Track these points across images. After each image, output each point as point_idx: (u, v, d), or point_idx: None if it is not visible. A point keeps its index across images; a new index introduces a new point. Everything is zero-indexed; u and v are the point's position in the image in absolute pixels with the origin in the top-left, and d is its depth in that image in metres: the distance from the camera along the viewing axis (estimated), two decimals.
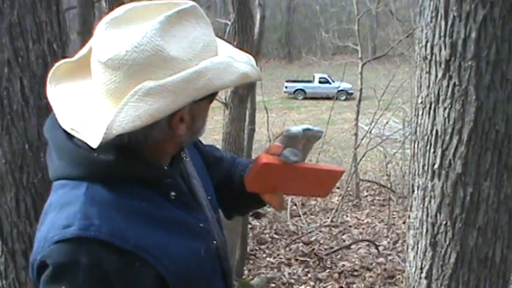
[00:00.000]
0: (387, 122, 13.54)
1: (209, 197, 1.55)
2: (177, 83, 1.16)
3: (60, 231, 1.16)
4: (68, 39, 2.32)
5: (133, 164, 1.27)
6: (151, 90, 1.15)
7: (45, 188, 2.14)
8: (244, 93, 6.23)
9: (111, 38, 1.19)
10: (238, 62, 1.27)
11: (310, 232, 9.62)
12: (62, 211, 1.20)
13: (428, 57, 2.39)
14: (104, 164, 1.23)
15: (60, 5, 2.22)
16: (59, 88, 1.35)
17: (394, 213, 10.71)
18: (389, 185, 12.34)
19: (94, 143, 1.17)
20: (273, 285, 7.45)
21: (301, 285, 7.50)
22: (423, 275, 2.54)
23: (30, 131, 2.10)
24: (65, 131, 1.27)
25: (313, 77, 33.37)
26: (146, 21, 1.20)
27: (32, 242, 2.13)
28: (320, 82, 32.57)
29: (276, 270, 7.91)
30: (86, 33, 8.62)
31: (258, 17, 8.34)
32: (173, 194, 1.34)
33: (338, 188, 13.08)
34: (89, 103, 1.27)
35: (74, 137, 1.25)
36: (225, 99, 6.23)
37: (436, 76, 2.36)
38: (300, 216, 10.65)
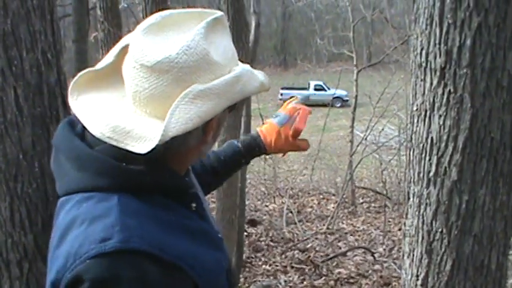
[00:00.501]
0: (382, 129, 13.56)
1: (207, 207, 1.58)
2: (222, 86, 1.20)
3: (96, 245, 1.13)
4: (63, 48, 2.32)
5: (162, 175, 1.27)
6: (201, 93, 1.17)
7: (40, 198, 2.14)
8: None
9: (153, 43, 1.20)
10: (255, 71, 1.35)
11: (306, 239, 9.61)
12: (95, 224, 1.17)
13: (423, 64, 2.39)
14: (135, 174, 1.22)
15: (54, 13, 2.22)
16: (83, 98, 1.33)
17: (390, 220, 10.71)
18: (384, 192, 12.34)
19: (144, 149, 1.17)
20: None
21: None
22: (419, 282, 2.54)
23: (25, 140, 2.09)
24: (84, 141, 1.27)
25: (309, 84, 33.47)
26: (185, 28, 1.24)
27: (26, 252, 2.13)
28: (315, 89, 32.66)
29: (272, 277, 7.89)
30: (80, 41, 8.63)
31: (253, 24, 8.36)
32: (194, 205, 1.36)
33: (334, 195, 13.10)
34: (123, 111, 1.26)
35: (94, 147, 1.25)
36: None
37: (431, 83, 2.36)
38: (295, 223, 10.64)
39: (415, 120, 2.48)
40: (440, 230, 2.42)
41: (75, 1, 8.66)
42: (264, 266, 8.37)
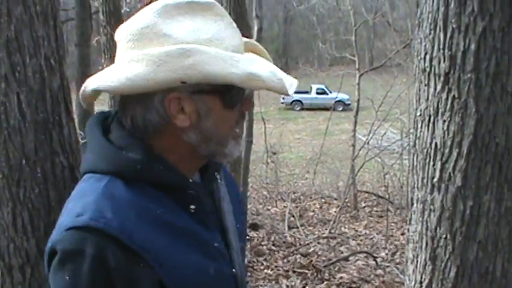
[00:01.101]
0: (385, 133, 13.55)
1: (238, 225, 1.52)
2: (160, 54, 1.21)
3: (73, 219, 1.20)
4: (66, 53, 2.31)
5: (157, 167, 1.30)
6: (135, 58, 1.23)
7: (43, 203, 2.13)
8: None
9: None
10: (258, 65, 1.30)
11: (308, 244, 9.59)
12: (80, 200, 1.25)
13: (427, 69, 2.39)
14: (131, 161, 1.28)
15: (57, 19, 2.22)
16: None
17: (392, 224, 10.68)
18: (387, 196, 12.32)
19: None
20: None
21: None
22: None
23: (27, 146, 2.09)
24: (103, 128, 1.36)
25: (311, 87, 33.46)
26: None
27: (29, 257, 2.13)
28: (317, 93, 32.69)
29: (274, 282, 7.87)
30: (83, 45, 8.64)
31: (255, 28, 8.36)
32: (193, 207, 1.34)
33: (336, 199, 13.08)
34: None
35: (109, 134, 1.34)
36: None
37: (435, 89, 2.36)
38: (297, 227, 10.62)
39: (419, 126, 2.48)
40: (444, 236, 2.41)
41: (78, 5, 8.68)
42: (266, 271, 8.34)
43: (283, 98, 33.15)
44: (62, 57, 2.24)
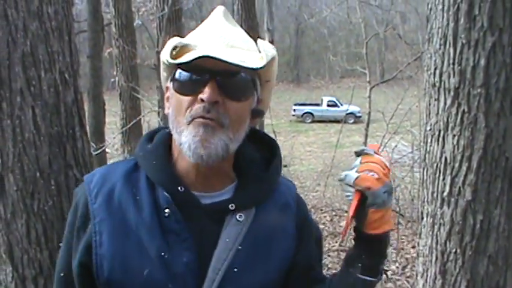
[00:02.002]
0: (396, 146, 13.50)
1: (235, 269, 1.36)
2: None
3: None
4: (79, 67, 2.35)
5: (151, 160, 1.41)
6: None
7: (56, 215, 2.16)
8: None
9: None
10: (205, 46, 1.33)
11: None
12: None
13: (437, 84, 2.40)
14: (142, 150, 1.44)
15: (72, 34, 2.25)
16: None
17: (403, 237, 10.62)
18: (397, 209, 12.26)
19: None
20: None
21: None
22: None
23: (42, 159, 2.12)
24: (153, 133, 1.51)
25: (322, 100, 33.37)
26: None
27: (42, 269, 2.15)
28: (328, 105, 32.57)
29: None
30: (95, 57, 8.70)
31: (266, 41, 8.39)
32: (167, 211, 1.33)
33: (346, 212, 13.00)
34: None
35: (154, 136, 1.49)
36: None
37: (445, 103, 2.37)
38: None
39: (429, 140, 2.49)
40: (454, 250, 2.41)
41: (90, 18, 8.73)
42: None
43: (294, 111, 33.15)
44: (76, 72, 2.27)
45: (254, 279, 1.40)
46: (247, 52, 1.35)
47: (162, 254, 1.31)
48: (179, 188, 1.35)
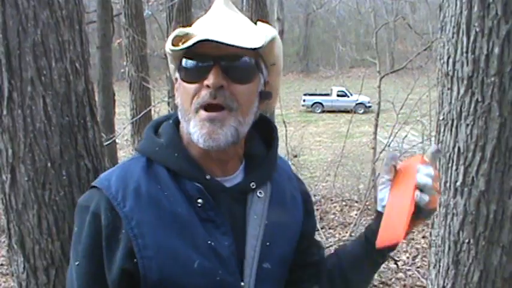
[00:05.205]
0: (406, 136, 13.45)
1: (267, 243, 1.44)
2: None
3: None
4: (89, 56, 2.34)
5: (172, 153, 1.39)
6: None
7: (67, 206, 2.16)
8: (263, 109, 6.22)
9: None
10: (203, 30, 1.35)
11: (328, 246, 9.56)
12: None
13: (450, 73, 2.38)
14: (154, 144, 1.41)
15: (83, 24, 2.24)
16: None
17: (414, 227, 10.61)
18: None
19: None
20: None
21: None
22: None
23: (53, 149, 2.11)
24: (156, 126, 1.50)
25: (331, 90, 33.30)
26: None
27: (53, 259, 2.15)
28: (338, 95, 32.48)
29: None
30: (105, 48, 8.70)
31: (277, 31, 8.36)
32: (200, 201, 1.35)
33: (356, 202, 13.02)
34: None
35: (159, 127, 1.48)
36: None
37: (458, 92, 2.35)
38: (318, 230, 10.59)
39: (442, 130, 2.47)
40: (467, 240, 2.39)
41: (100, 8, 8.74)
42: None
43: (304, 101, 33.11)
44: (86, 61, 2.26)
45: (282, 250, 1.50)
46: (246, 33, 1.36)
47: (209, 242, 1.35)
48: (206, 177, 1.38)
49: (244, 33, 1.35)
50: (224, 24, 1.37)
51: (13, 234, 2.20)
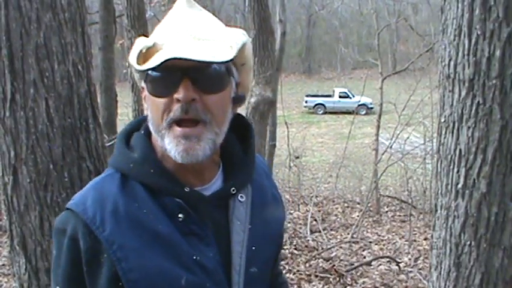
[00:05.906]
0: (408, 137, 13.45)
1: (253, 247, 1.42)
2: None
3: (69, 202, 1.33)
4: (92, 58, 2.35)
5: (147, 168, 1.32)
6: None
7: None
8: (265, 110, 6.22)
9: None
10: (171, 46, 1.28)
11: (330, 248, 9.56)
12: (84, 188, 1.37)
13: (452, 75, 2.38)
14: (128, 159, 1.34)
15: (85, 26, 2.25)
16: None
17: (415, 229, 10.60)
18: (410, 201, 12.23)
19: None
20: None
21: None
22: None
23: (55, 151, 2.12)
24: (127, 137, 1.42)
25: (333, 91, 33.31)
26: None
27: None
28: (340, 97, 32.50)
29: (296, 286, 7.86)
30: (107, 49, 8.71)
31: (278, 32, 8.36)
32: (181, 216, 1.31)
33: (358, 203, 13.02)
34: None
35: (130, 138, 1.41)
36: (246, 115, 6.24)
37: (460, 95, 2.35)
38: (320, 232, 10.58)
39: (443, 132, 2.47)
40: (468, 242, 2.39)
41: (102, 9, 8.74)
42: (288, 275, 8.32)
43: (306, 102, 33.11)
44: (89, 63, 2.27)
45: (267, 253, 1.49)
46: (216, 44, 1.29)
47: (194, 257, 1.31)
48: (185, 189, 1.33)
49: (213, 42, 1.29)
50: (191, 33, 1.30)
51: (15, 235, 2.20)
